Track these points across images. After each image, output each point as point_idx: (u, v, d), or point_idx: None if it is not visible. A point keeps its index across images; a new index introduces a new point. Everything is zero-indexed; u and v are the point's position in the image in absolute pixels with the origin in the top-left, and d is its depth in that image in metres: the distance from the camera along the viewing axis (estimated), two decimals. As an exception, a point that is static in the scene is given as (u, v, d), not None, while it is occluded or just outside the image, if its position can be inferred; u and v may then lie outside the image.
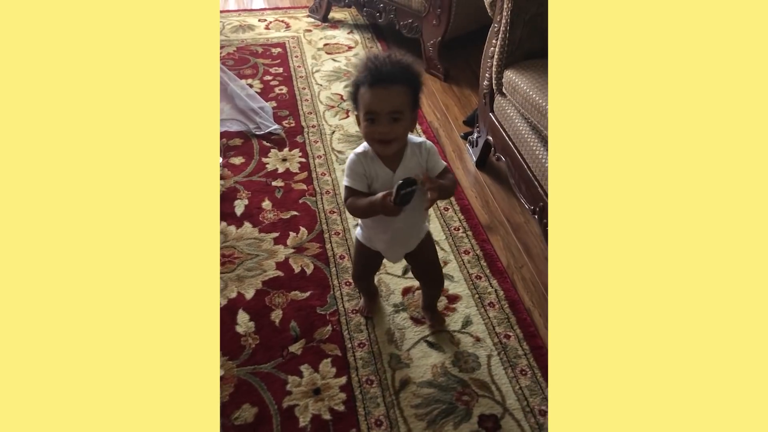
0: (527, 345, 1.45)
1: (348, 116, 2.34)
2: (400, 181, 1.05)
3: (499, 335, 1.48)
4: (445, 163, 1.19)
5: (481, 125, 2.03)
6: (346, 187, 1.16)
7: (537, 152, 1.62)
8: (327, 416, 1.28)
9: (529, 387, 1.36)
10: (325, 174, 2.03)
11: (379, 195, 1.09)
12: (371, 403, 1.31)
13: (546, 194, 1.57)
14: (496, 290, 1.60)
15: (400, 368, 1.39)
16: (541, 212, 1.61)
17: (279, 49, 2.82)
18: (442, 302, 1.55)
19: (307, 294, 1.57)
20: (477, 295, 1.58)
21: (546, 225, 1.58)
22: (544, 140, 1.61)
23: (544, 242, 1.74)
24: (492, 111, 1.90)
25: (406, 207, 1.08)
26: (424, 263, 1.38)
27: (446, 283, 1.57)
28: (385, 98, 1.06)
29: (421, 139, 1.19)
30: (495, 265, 1.68)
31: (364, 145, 1.16)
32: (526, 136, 1.68)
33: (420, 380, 1.36)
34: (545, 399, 1.33)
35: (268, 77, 2.59)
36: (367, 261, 1.39)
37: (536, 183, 1.62)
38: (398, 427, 1.27)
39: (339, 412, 1.29)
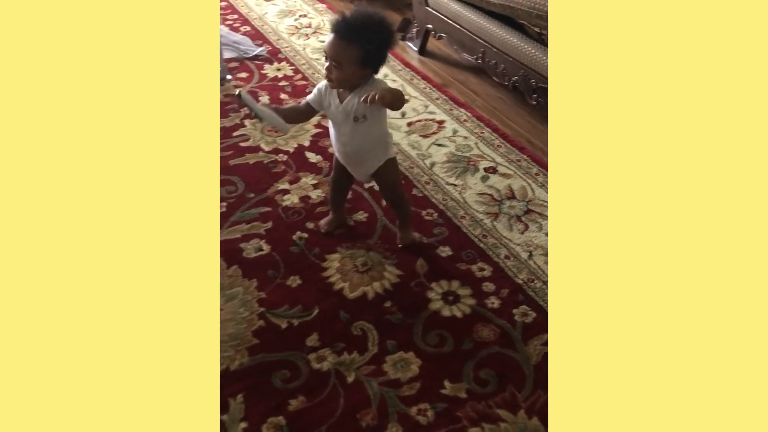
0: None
1: (309, 38, 2.97)
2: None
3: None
4: (391, 88, 1.43)
5: (418, 20, 2.79)
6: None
7: (471, 18, 2.42)
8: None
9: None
10: (315, 73, 2.66)
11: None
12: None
13: (484, 41, 2.38)
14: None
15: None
16: (482, 56, 2.42)
17: (224, 2, 3.33)
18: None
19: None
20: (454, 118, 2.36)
21: (488, 63, 2.39)
22: (476, 7, 2.41)
23: (485, 82, 2.56)
24: (427, 5, 2.67)
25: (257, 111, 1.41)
26: (382, 187, 1.66)
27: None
28: (332, 46, 1.35)
29: (386, 85, 1.44)
30: (455, 99, 2.47)
31: None
32: (460, 10, 2.48)
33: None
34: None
35: (229, 22, 3.11)
36: (337, 171, 1.64)
37: (474, 37, 2.42)
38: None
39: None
